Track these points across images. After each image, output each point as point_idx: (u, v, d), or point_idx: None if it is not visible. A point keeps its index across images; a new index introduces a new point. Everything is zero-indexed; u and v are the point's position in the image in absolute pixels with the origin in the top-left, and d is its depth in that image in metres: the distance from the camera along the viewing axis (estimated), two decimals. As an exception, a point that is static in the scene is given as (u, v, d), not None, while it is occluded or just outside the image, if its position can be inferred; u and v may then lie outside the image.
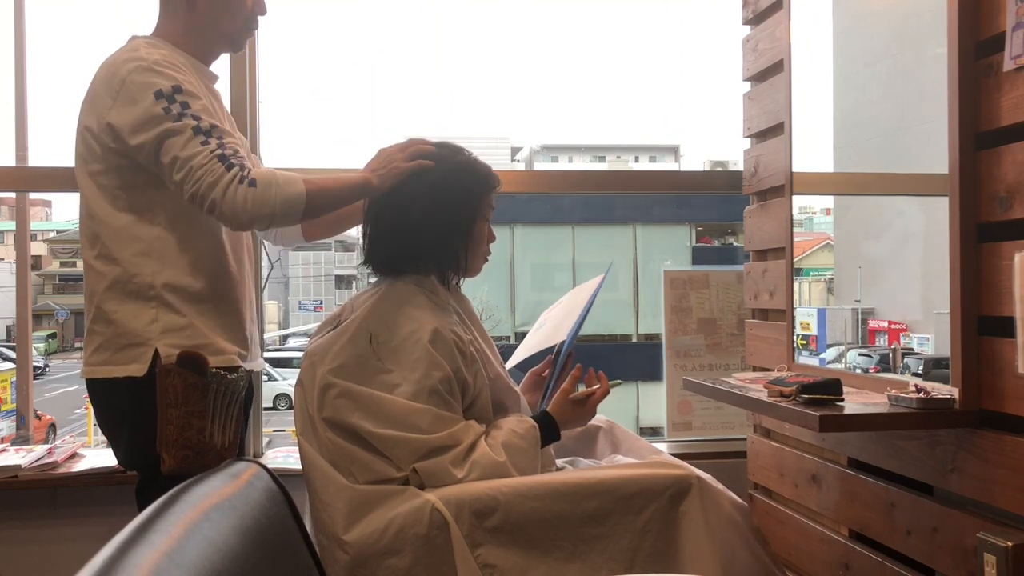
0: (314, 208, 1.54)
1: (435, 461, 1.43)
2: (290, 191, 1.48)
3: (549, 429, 1.57)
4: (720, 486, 1.51)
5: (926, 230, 2.07)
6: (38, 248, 31.01)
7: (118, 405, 1.58)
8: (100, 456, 2.28)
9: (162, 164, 1.49)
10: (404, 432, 1.42)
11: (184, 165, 1.46)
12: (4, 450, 2.29)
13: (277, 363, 16.01)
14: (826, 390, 1.50)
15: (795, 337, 2.06)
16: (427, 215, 1.54)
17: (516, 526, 1.40)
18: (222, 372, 1.55)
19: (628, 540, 1.42)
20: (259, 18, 1.72)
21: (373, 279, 1.64)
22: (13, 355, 3.19)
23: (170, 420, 1.50)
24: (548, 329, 1.84)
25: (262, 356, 1.85)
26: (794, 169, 2.05)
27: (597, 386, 1.66)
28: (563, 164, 36.94)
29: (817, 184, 2.26)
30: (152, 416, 1.51)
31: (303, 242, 1.93)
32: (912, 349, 2.18)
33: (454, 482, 1.43)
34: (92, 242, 1.58)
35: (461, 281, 1.66)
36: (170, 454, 1.51)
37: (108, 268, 1.56)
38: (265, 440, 2.49)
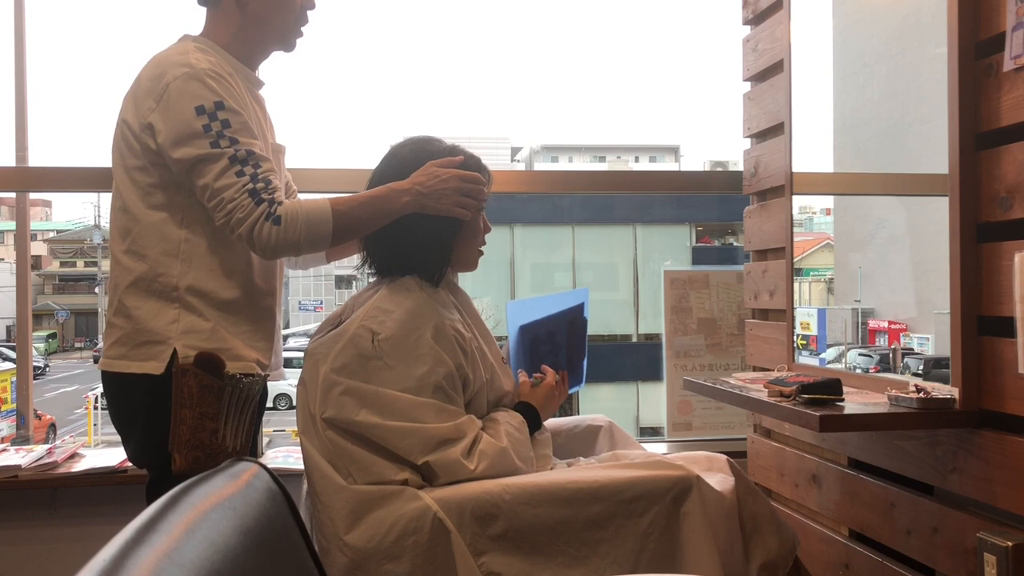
0: (343, 236, 1.55)
1: (446, 453, 1.43)
2: (316, 227, 1.50)
3: (532, 418, 1.61)
4: (718, 482, 1.51)
5: (925, 230, 2.07)
6: (38, 248, 31.01)
7: (133, 401, 1.57)
8: (100, 456, 2.28)
9: (195, 184, 1.50)
10: (412, 423, 1.43)
11: (215, 195, 1.48)
12: (4, 450, 2.29)
13: (277, 363, 15.98)
14: (826, 390, 1.50)
15: (795, 337, 2.06)
16: (422, 213, 1.54)
17: (520, 533, 1.40)
18: (238, 376, 1.55)
19: (631, 543, 1.42)
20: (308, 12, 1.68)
21: (372, 279, 1.64)
22: (13, 355, 3.20)
23: (183, 420, 1.50)
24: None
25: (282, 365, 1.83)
26: (794, 169, 2.05)
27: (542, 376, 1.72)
28: (563, 164, 36.96)
29: (817, 184, 2.26)
30: (167, 415, 1.51)
31: (324, 263, 1.92)
32: (912, 349, 2.19)
33: (467, 474, 1.43)
34: (123, 235, 1.57)
35: (456, 275, 1.67)
36: (182, 454, 1.50)
37: (135, 264, 1.55)
38: (265, 440, 2.49)
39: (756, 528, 1.54)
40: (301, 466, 1.55)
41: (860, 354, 2.35)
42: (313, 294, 30.42)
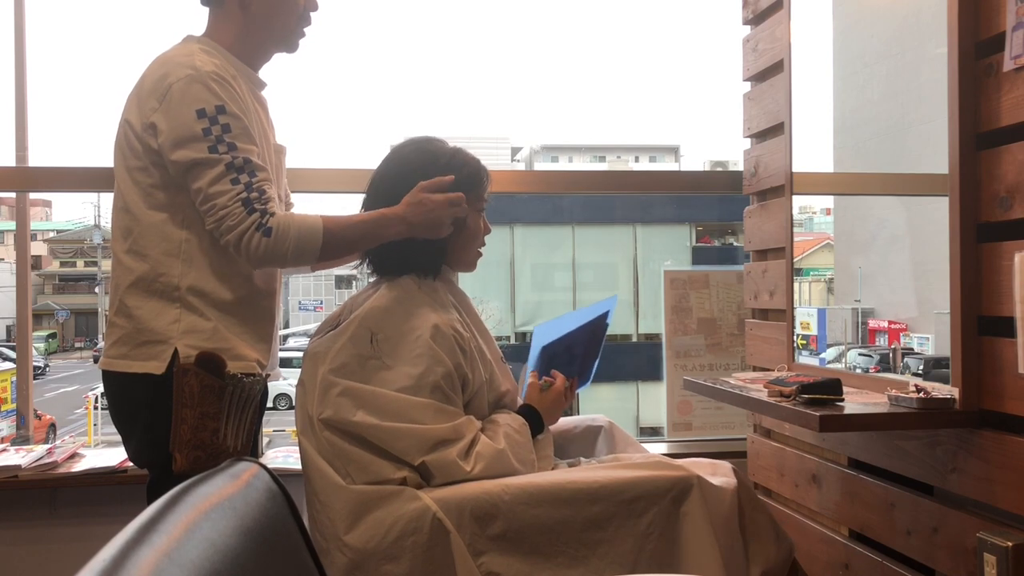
0: (330, 254, 1.56)
1: (443, 454, 1.43)
2: (304, 243, 1.50)
3: (534, 420, 1.61)
4: (719, 483, 1.51)
5: (925, 230, 2.07)
6: (38, 248, 31.00)
7: (134, 401, 1.57)
8: (100, 456, 2.28)
9: (190, 187, 1.51)
10: (409, 424, 1.43)
11: (208, 200, 1.49)
12: (4, 450, 2.29)
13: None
14: (826, 390, 1.50)
15: (795, 337, 2.06)
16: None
17: (519, 533, 1.40)
18: (239, 375, 1.55)
19: (631, 543, 1.42)
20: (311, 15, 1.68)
21: (372, 279, 1.64)
22: (13, 355, 3.20)
23: (184, 420, 1.50)
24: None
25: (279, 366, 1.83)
26: (794, 169, 2.05)
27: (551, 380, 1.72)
28: (563, 164, 36.97)
29: (817, 184, 2.26)
30: (168, 415, 1.51)
31: (310, 272, 1.92)
32: (912, 349, 2.18)
33: (463, 475, 1.43)
34: (124, 235, 1.58)
35: (456, 275, 1.68)
36: (183, 454, 1.51)
37: (136, 264, 1.55)
38: (265, 440, 2.49)
39: (756, 536, 1.54)
40: (301, 466, 1.55)
41: (860, 354, 2.35)
42: (313, 294, 30.43)
